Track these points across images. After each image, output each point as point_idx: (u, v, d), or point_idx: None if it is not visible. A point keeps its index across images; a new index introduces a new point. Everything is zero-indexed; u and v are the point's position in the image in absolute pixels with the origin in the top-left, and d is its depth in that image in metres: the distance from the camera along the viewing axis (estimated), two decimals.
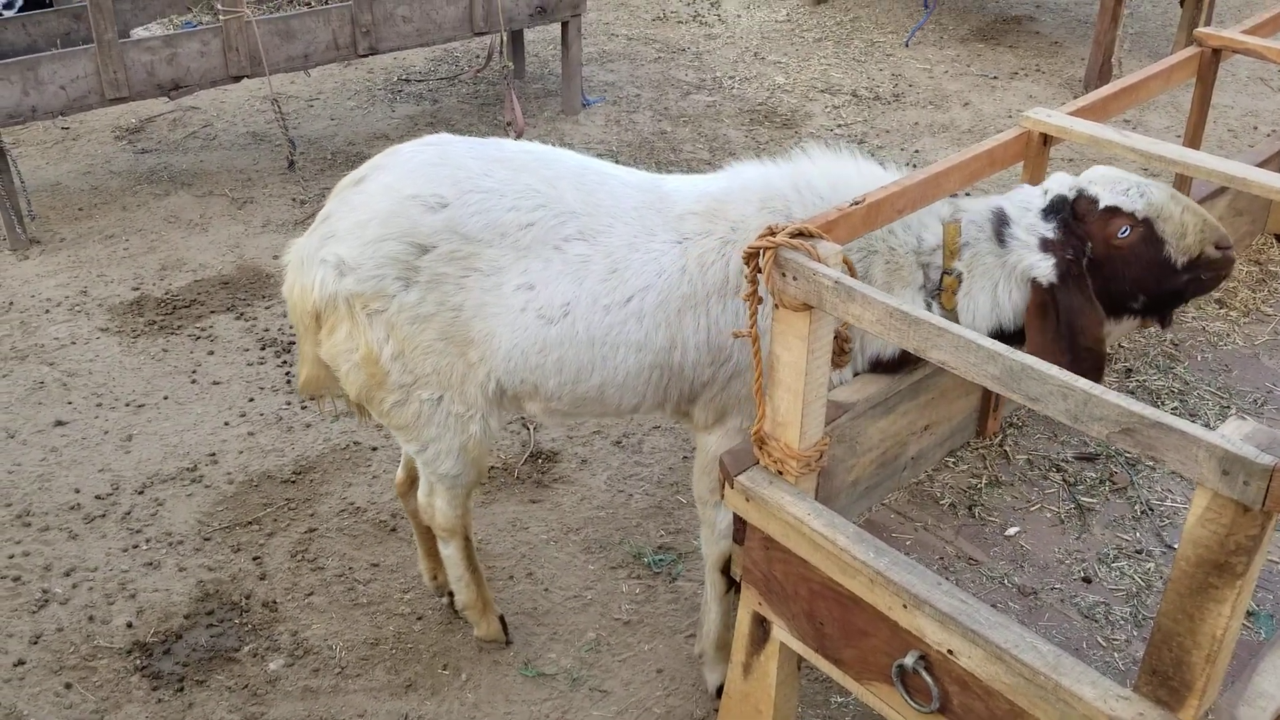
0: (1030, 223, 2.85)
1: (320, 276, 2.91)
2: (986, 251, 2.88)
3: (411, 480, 3.52)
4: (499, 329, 2.89)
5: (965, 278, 2.88)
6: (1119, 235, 2.78)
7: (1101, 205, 2.79)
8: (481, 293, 2.87)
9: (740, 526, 2.71)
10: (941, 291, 2.89)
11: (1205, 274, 2.86)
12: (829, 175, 2.95)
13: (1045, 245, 2.82)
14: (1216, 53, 3.41)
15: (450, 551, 3.40)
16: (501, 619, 3.57)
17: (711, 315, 2.90)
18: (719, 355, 2.95)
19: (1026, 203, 2.89)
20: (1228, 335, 3.78)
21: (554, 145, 6.84)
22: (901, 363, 2.96)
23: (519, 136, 6.94)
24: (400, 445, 3.19)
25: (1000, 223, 2.88)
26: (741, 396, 3.00)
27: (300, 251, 3.00)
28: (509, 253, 2.86)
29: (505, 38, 7.11)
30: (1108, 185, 2.82)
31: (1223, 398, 3.46)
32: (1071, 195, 2.84)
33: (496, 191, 2.88)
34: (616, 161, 6.71)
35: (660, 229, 2.93)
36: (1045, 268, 2.81)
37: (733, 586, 3.25)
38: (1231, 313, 3.91)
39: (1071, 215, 2.82)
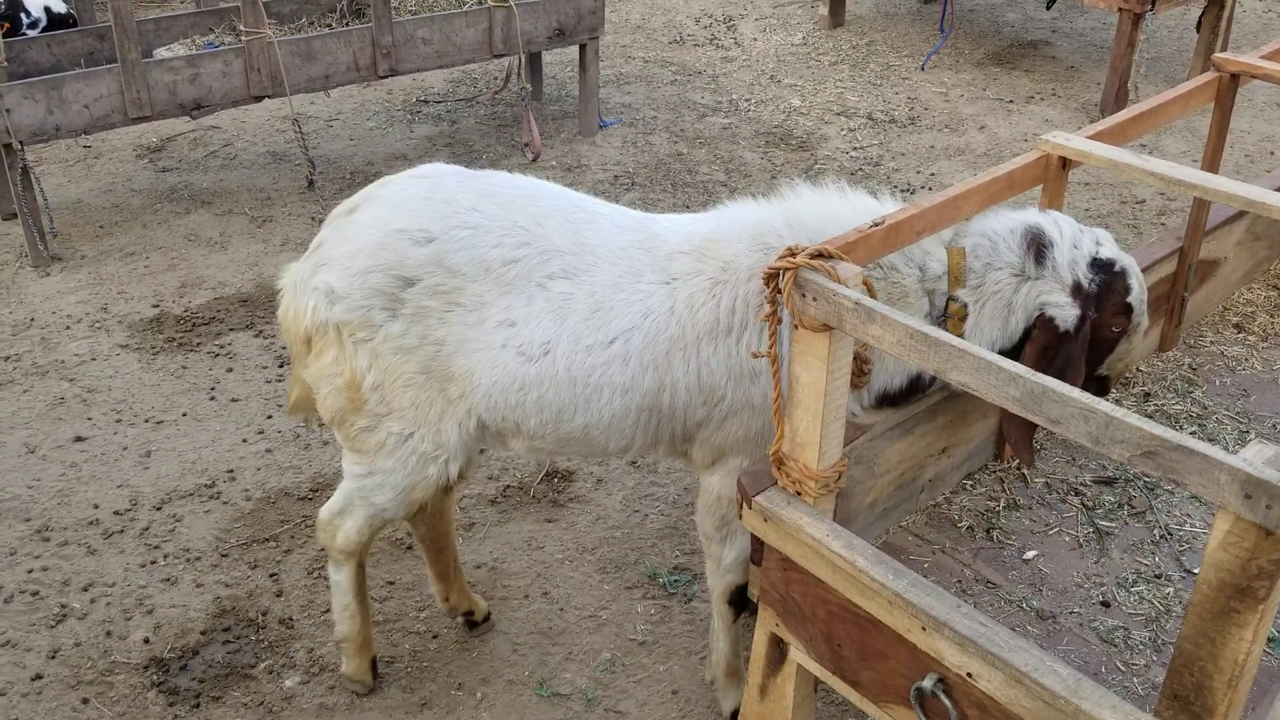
0: (1074, 259, 2.82)
1: (312, 303, 2.93)
2: (1007, 273, 2.83)
3: (420, 504, 3.46)
4: (480, 365, 2.88)
5: (973, 307, 2.84)
6: (1115, 329, 2.88)
7: (1128, 298, 2.84)
8: (464, 328, 2.86)
9: (758, 547, 2.71)
10: (947, 319, 2.85)
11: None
12: (818, 211, 2.91)
13: (1076, 291, 2.80)
14: (1234, 78, 3.42)
15: (341, 578, 3.30)
16: (374, 662, 3.46)
17: (702, 356, 2.86)
18: (712, 395, 2.90)
19: (1076, 239, 2.84)
20: (1246, 360, 3.77)
21: (571, 166, 6.87)
22: (907, 395, 2.94)
23: (536, 158, 6.98)
24: (345, 465, 3.16)
25: (1040, 244, 2.82)
26: (738, 436, 2.95)
27: (294, 277, 3.02)
28: (492, 288, 2.86)
29: (523, 60, 7.16)
30: (1136, 278, 2.87)
31: (1241, 422, 3.45)
32: (1118, 266, 2.84)
33: (483, 227, 2.88)
34: (633, 183, 6.76)
35: (647, 269, 2.90)
36: (1069, 315, 2.80)
37: (740, 615, 3.23)
38: (1250, 337, 3.91)
39: (1107, 283, 2.82)
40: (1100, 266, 2.82)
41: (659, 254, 2.93)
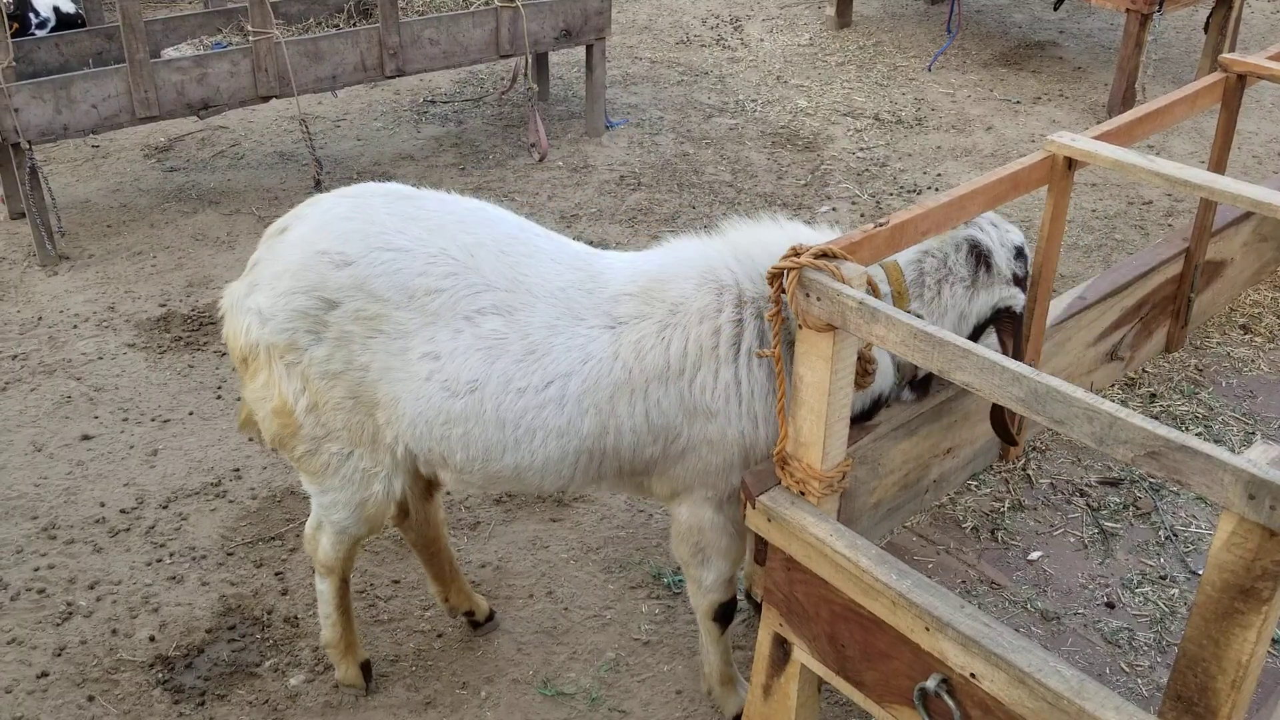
0: (1007, 256, 3.04)
1: (245, 323, 2.89)
2: (962, 287, 2.97)
3: (403, 511, 3.44)
4: (403, 395, 2.81)
5: (929, 318, 2.90)
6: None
7: (1028, 267, 3.10)
8: (387, 356, 2.79)
9: (761, 547, 2.71)
10: None
11: None
12: (761, 244, 2.86)
13: (1016, 280, 3.04)
14: (1241, 78, 3.41)
15: (324, 588, 3.32)
16: (365, 665, 3.45)
17: (651, 399, 2.78)
18: (666, 434, 2.83)
19: (1002, 238, 3.04)
20: (1253, 361, 3.76)
21: (578, 166, 6.88)
22: (868, 416, 2.95)
23: (543, 158, 6.98)
24: (304, 485, 3.16)
25: (981, 253, 2.99)
26: (698, 469, 2.86)
27: (232, 296, 2.97)
28: (416, 317, 2.76)
29: (530, 60, 7.16)
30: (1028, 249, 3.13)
31: (1247, 423, 3.45)
32: (1022, 246, 3.09)
33: (408, 251, 2.78)
34: (639, 184, 6.77)
35: (588, 313, 2.81)
36: (1020, 300, 3.04)
37: (726, 628, 3.19)
38: (1256, 338, 3.90)
39: (1025, 262, 3.08)
40: (1019, 252, 3.06)
41: (602, 295, 2.83)
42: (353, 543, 3.21)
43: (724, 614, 3.14)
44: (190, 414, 4.73)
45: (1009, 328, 3.01)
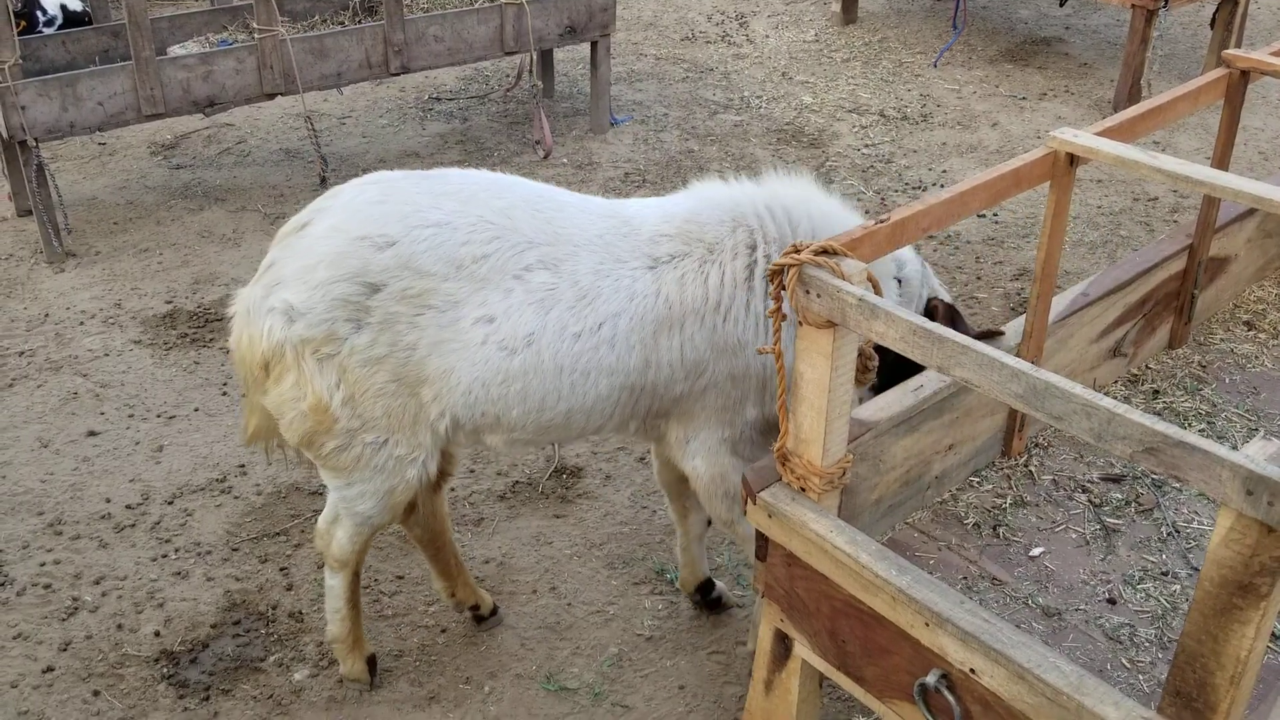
0: (917, 268, 3.30)
1: (268, 325, 2.87)
2: (927, 290, 3.27)
3: (410, 506, 3.45)
4: (458, 364, 2.86)
5: None
6: None
7: None
8: (438, 330, 2.84)
9: (762, 543, 2.71)
10: None
11: None
12: (780, 194, 3.10)
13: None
14: (1245, 74, 3.40)
15: (335, 583, 3.32)
16: (370, 660, 3.48)
17: (687, 333, 2.95)
18: (695, 369, 3.00)
19: (902, 256, 3.24)
20: (1256, 357, 3.76)
21: (583, 163, 6.89)
22: None
23: (547, 155, 6.99)
24: (324, 480, 3.16)
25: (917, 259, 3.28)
26: (716, 407, 3.05)
27: (246, 301, 2.95)
28: (465, 285, 2.84)
29: (535, 57, 7.17)
30: None
31: (1250, 419, 3.44)
32: None
33: (448, 225, 2.85)
34: (644, 180, 6.77)
35: (629, 255, 2.96)
36: (944, 291, 3.34)
37: None
38: (1260, 335, 3.89)
39: None
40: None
41: (638, 239, 2.99)
42: (372, 533, 3.23)
43: None
44: (196, 410, 4.75)
45: (947, 315, 3.22)
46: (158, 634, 3.67)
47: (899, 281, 3.21)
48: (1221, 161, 3.48)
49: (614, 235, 2.98)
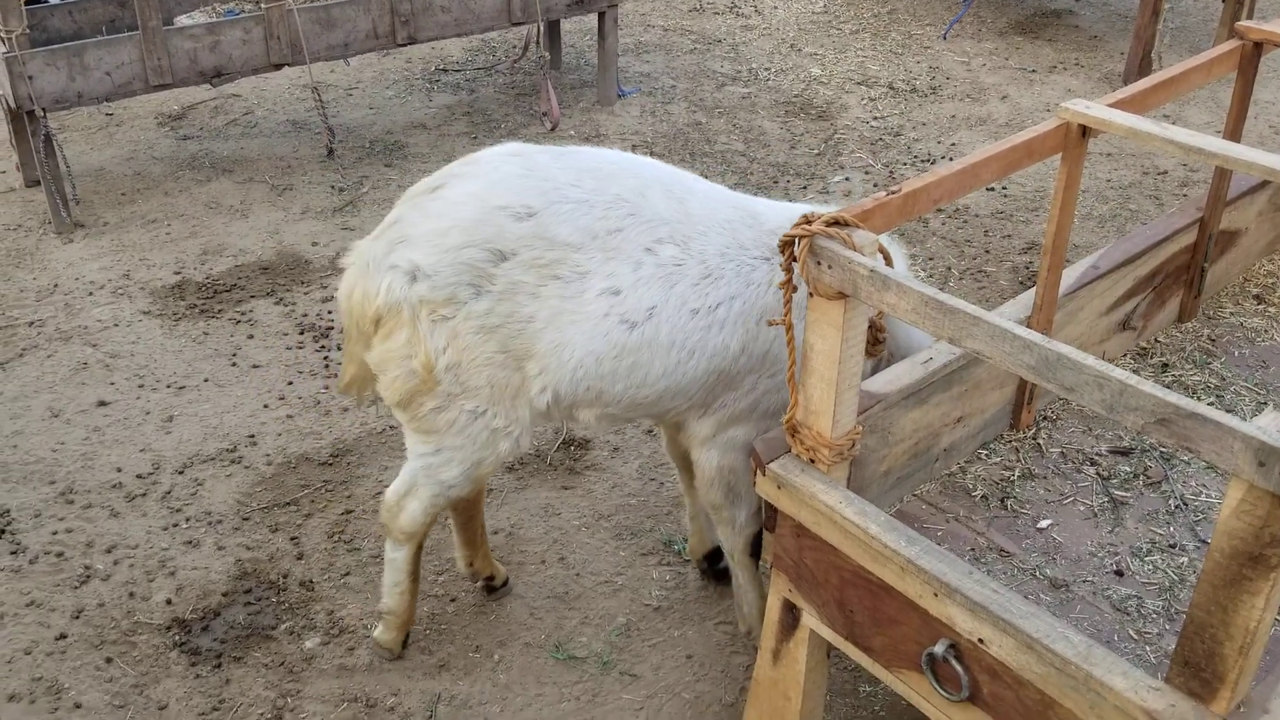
0: None
1: (388, 281, 2.89)
2: None
3: None
4: (574, 337, 2.89)
5: None
6: None
7: None
8: (560, 300, 2.86)
9: (771, 514, 2.73)
10: None
11: None
12: None
13: None
14: (1258, 46, 3.38)
15: (398, 556, 3.34)
16: (406, 636, 3.51)
17: (781, 329, 2.97)
18: (773, 366, 3.04)
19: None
20: (1265, 331, 3.75)
21: (590, 135, 6.86)
22: None
23: (554, 127, 6.97)
24: (410, 446, 3.16)
25: None
26: (762, 407, 3.09)
27: (365, 256, 2.97)
28: (597, 255, 2.87)
29: (542, 28, 7.13)
30: None
31: (1260, 393, 3.44)
32: None
33: (587, 201, 2.89)
34: (651, 153, 6.75)
35: (751, 244, 3.00)
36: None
37: (759, 560, 3.33)
38: (1270, 309, 3.89)
39: None
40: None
41: (761, 230, 3.03)
42: (447, 505, 3.24)
43: (757, 547, 3.33)
44: (205, 381, 4.76)
45: None
46: (169, 602, 3.70)
47: None
48: (1233, 134, 3.47)
49: (740, 224, 3.02)
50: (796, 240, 2.39)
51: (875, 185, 6.46)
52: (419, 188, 3.01)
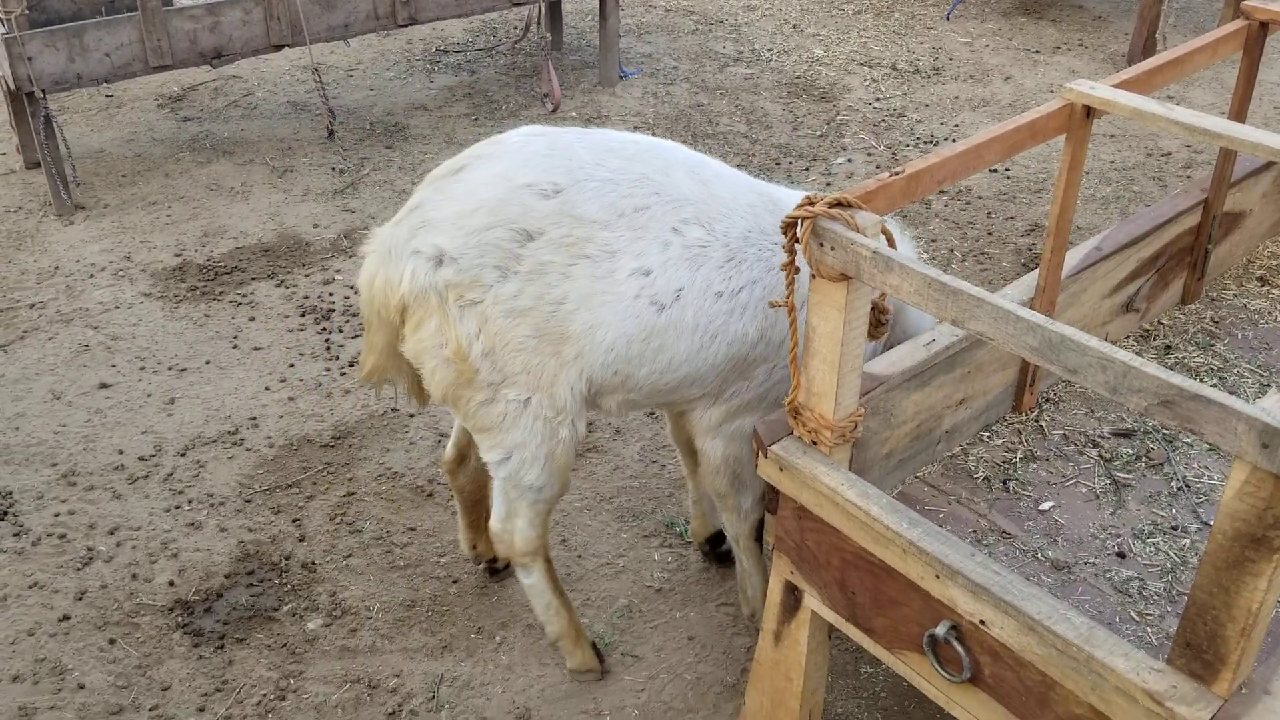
0: None
1: (412, 268, 2.82)
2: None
3: (461, 458, 3.49)
4: (607, 318, 2.83)
5: None
6: None
7: None
8: (590, 281, 2.81)
9: (773, 496, 2.73)
10: None
11: None
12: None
13: None
14: (1264, 26, 3.36)
15: (534, 580, 3.24)
16: (594, 645, 3.41)
17: (799, 319, 2.93)
18: (780, 353, 3.03)
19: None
20: (1269, 313, 3.74)
21: (591, 117, 6.83)
22: None
23: (556, 108, 6.94)
24: (484, 458, 3.09)
25: None
26: (770, 398, 3.09)
27: (387, 242, 2.90)
28: (625, 234, 2.82)
29: (543, 9, 7.10)
30: None
31: (1263, 375, 3.44)
32: None
33: (612, 180, 2.86)
34: (653, 135, 6.72)
35: (773, 230, 2.96)
36: None
37: (763, 546, 3.34)
38: (1274, 291, 3.87)
39: None
40: None
41: (782, 215, 2.99)
42: (548, 509, 3.16)
43: (760, 531, 3.35)
44: (207, 363, 4.76)
45: None
46: (172, 584, 3.71)
47: None
48: (1239, 115, 3.45)
49: (763, 209, 3.01)
50: (799, 221, 2.38)
51: (878, 167, 6.44)
52: (440, 171, 2.96)
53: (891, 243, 2.43)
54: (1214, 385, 3.38)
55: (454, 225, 2.81)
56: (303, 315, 5.07)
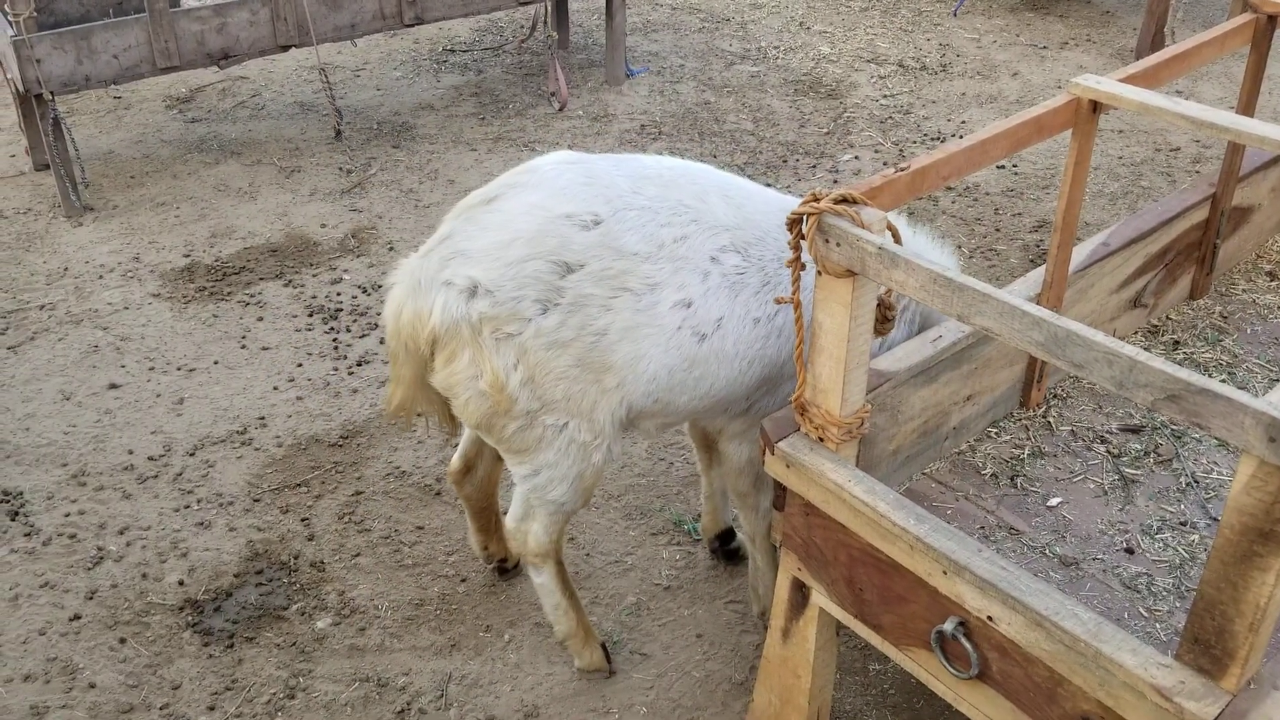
0: None
1: (443, 300, 2.77)
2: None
3: (467, 468, 3.47)
4: (650, 350, 2.81)
5: None
6: None
7: None
8: (632, 313, 2.78)
9: (780, 493, 2.73)
10: None
11: None
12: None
13: None
14: (1272, 20, 3.35)
15: (544, 579, 3.24)
16: (603, 646, 3.42)
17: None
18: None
19: None
20: (1278, 308, 3.73)
21: (598, 115, 6.83)
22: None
23: (563, 107, 6.95)
24: (511, 469, 3.08)
25: None
26: (782, 406, 3.08)
27: (415, 274, 2.84)
28: (665, 266, 2.80)
29: (550, 7, 7.10)
30: None
31: (1272, 370, 3.42)
32: None
33: (649, 209, 2.83)
34: (660, 133, 6.72)
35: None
36: None
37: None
38: None
39: None
40: None
41: None
42: (566, 520, 3.17)
43: None
44: (215, 363, 4.77)
45: None
46: (182, 583, 3.72)
47: None
48: (1247, 109, 3.44)
49: None
50: (804, 218, 2.38)
51: (885, 164, 6.42)
52: (471, 200, 2.90)
53: (897, 238, 2.42)
54: (1223, 380, 3.37)
55: (489, 257, 2.75)
56: (310, 315, 5.08)
